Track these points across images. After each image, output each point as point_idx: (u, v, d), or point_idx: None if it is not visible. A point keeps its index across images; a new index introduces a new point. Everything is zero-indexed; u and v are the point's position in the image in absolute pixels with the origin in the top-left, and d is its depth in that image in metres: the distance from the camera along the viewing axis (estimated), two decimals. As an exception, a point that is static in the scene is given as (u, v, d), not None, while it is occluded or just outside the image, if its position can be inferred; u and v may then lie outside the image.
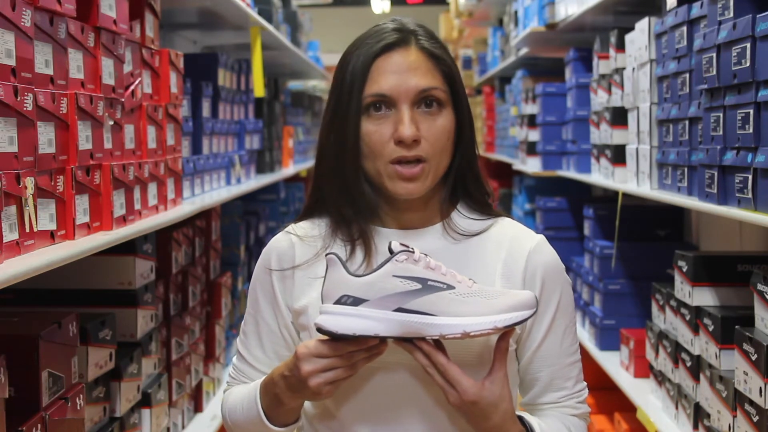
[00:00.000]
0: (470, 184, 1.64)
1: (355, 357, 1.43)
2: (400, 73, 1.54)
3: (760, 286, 2.07)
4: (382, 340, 1.43)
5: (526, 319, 1.43)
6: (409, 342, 1.44)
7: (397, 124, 1.52)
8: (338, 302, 1.41)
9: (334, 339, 1.43)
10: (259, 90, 3.94)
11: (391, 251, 1.43)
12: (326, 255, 1.43)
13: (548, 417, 1.60)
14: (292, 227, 1.67)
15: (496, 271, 1.59)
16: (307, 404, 1.64)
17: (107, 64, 2.00)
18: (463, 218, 1.63)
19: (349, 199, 1.59)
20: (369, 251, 1.59)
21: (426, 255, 1.44)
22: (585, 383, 1.66)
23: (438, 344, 1.46)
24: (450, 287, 1.42)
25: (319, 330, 1.42)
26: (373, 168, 1.56)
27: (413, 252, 1.42)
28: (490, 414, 1.47)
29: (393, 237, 1.57)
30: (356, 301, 1.41)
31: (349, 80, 1.56)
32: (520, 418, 1.52)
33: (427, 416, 1.56)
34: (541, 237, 1.64)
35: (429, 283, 1.41)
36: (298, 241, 1.64)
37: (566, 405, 1.62)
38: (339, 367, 1.44)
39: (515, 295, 1.44)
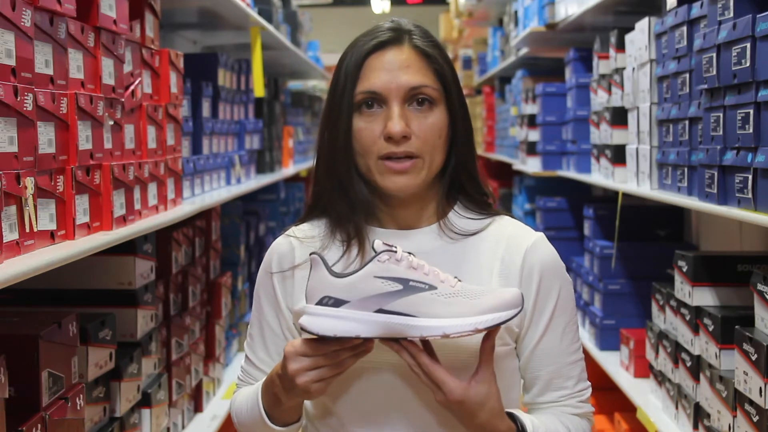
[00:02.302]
0: (467, 183, 1.64)
1: (341, 356, 1.44)
2: (392, 70, 1.55)
3: (760, 286, 2.07)
4: (367, 340, 1.43)
5: (509, 320, 1.41)
6: (395, 342, 1.44)
7: (387, 121, 1.53)
8: (320, 303, 1.41)
9: (319, 338, 1.43)
10: (259, 90, 3.94)
11: (374, 250, 1.43)
12: (310, 255, 1.44)
13: (544, 414, 1.60)
14: (292, 230, 1.68)
15: (493, 270, 1.59)
16: (308, 404, 1.65)
17: (107, 64, 2.00)
18: (460, 218, 1.63)
19: (344, 197, 1.59)
20: (363, 250, 1.59)
21: (410, 254, 1.44)
22: (588, 383, 1.65)
23: (425, 344, 1.46)
24: (432, 287, 1.41)
25: (303, 330, 1.42)
26: (365, 165, 1.56)
27: (396, 251, 1.42)
28: (477, 412, 1.47)
29: (389, 237, 1.57)
30: (337, 303, 1.41)
31: (342, 78, 1.57)
32: (512, 416, 1.53)
33: (414, 415, 1.57)
34: (539, 234, 1.64)
35: (410, 283, 1.41)
36: (297, 244, 1.65)
37: (567, 404, 1.61)
38: (324, 365, 1.44)
39: (500, 294, 1.43)
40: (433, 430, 1.57)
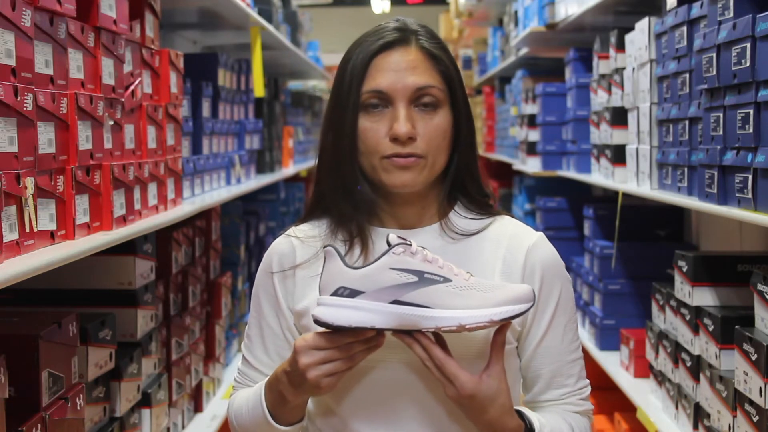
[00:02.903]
0: (468, 184, 1.64)
1: (353, 349, 1.44)
2: (398, 70, 1.55)
3: (760, 286, 2.07)
4: (380, 332, 1.44)
5: (522, 313, 1.43)
6: (407, 334, 1.44)
7: (393, 121, 1.53)
8: (335, 294, 1.42)
9: (332, 331, 1.43)
10: (259, 90, 3.94)
11: (389, 244, 1.43)
12: (324, 247, 1.44)
13: (549, 412, 1.61)
14: (292, 230, 1.68)
15: (495, 269, 1.59)
16: (309, 402, 1.65)
17: (107, 64, 2.00)
18: (460, 218, 1.64)
19: (347, 196, 1.59)
20: (366, 248, 1.59)
21: (423, 248, 1.45)
22: (587, 381, 1.66)
23: (438, 338, 1.47)
24: (447, 280, 1.42)
25: (316, 321, 1.42)
26: (369, 164, 1.57)
27: (410, 245, 1.43)
28: (488, 408, 1.47)
29: (391, 236, 1.58)
30: (353, 293, 1.41)
31: (348, 77, 1.57)
32: (520, 413, 1.53)
33: (424, 412, 1.57)
34: (540, 234, 1.64)
35: (426, 275, 1.41)
36: (298, 244, 1.65)
37: (568, 402, 1.62)
38: (337, 359, 1.44)
39: (513, 288, 1.44)
40: (444, 425, 1.57)
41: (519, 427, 1.51)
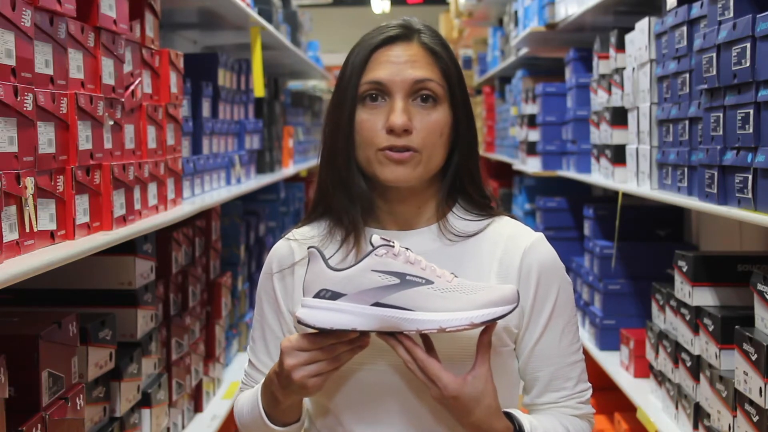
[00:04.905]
0: (468, 184, 1.64)
1: (337, 350, 1.44)
2: (398, 63, 1.56)
3: (760, 286, 2.07)
4: (363, 334, 1.44)
5: (504, 315, 1.42)
6: (391, 336, 1.44)
7: (390, 114, 1.54)
8: (317, 296, 1.42)
9: (316, 332, 1.43)
10: (259, 90, 3.94)
11: (372, 245, 1.44)
12: (308, 249, 1.44)
13: (545, 415, 1.60)
14: (291, 233, 1.69)
15: (491, 271, 1.59)
16: (307, 403, 1.65)
17: (107, 64, 2.00)
18: (458, 219, 1.63)
19: (343, 189, 1.59)
20: (358, 246, 1.58)
21: (407, 249, 1.45)
22: (589, 384, 1.65)
23: (424, 339, 1.47)
24: (429, 282, 1.42)
25: (299, 323, 1.43)
26: (365, 156, 1.57)
27: (393, 246, 1.43)
28: (472, 409, 1.47)
29: (388, 237, 1.57)
30: (334, 296, 1.42)
31: (349, 70, 1.58)
32: (510, 415, 1.52)
33: (410, 413, 1.57)
34: (538, 235, 1.63)
35: (407, 277, 1.42)
36: (296, 246, 1.66)
37: (566, 405, 1.61)
38: (321, 360, 1.45)
39: (495, 290, 1.43)
40: (430, 426, 1.57)
41: (507, 429, 1.50)
